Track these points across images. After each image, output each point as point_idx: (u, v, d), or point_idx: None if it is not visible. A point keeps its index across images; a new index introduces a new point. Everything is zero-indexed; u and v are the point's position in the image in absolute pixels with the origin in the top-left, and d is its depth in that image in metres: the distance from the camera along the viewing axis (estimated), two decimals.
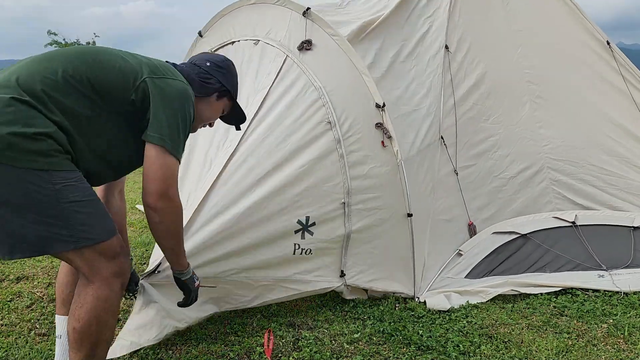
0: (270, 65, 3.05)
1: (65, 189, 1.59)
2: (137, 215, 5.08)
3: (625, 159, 4.19)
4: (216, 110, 2.15)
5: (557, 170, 4.11)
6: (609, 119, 4.27)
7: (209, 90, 2.07)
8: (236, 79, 2.20)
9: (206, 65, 2.08)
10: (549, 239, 3.67)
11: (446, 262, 3.47)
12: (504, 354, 2.50)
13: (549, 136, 4.16)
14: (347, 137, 2.94)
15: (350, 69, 3.04)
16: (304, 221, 2.76)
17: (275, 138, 2.80)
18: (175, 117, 1.79)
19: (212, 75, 2.07)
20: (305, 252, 2.80)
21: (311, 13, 3.12)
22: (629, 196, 4.10)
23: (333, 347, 2.55)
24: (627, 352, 2.54)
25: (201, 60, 2.13)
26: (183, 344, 2.54)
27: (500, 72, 4.14)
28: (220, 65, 2.12)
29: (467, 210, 3.70)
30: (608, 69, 4.35)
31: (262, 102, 2.91)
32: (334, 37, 3.08)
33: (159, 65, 1.89)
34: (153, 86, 1.78)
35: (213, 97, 2.10)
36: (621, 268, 3.42)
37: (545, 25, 4.39)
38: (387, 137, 3.00)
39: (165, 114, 1.77)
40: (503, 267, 3.47)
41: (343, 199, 2.87)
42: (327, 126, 2.90)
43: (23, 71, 1.67)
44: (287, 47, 3.09)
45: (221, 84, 2.09)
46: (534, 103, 4.19)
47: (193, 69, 2.07)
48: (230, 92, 2.15)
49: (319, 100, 2.93)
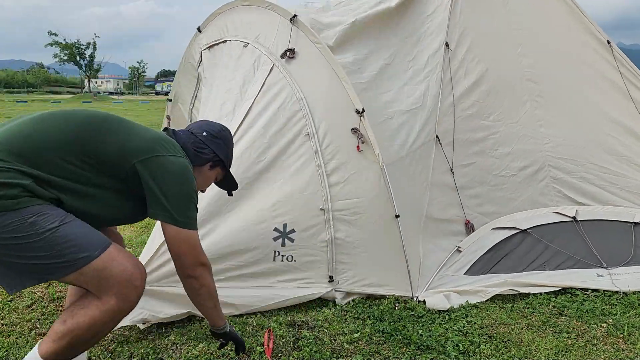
0: (257, 74, 3.15)
1: (38, 220, 1.61)
2: None
3: (625, 157, 4.19)
4: (208, 178, 2.21)
5: (557, 169, 4.12)
6: (609, 117, 4.27)
7: (202, 160, 2.11)
8: (231, 148, 2.26)
9: (202, 135, 2.12)
10: (549, 234, 3.67)
11: (445, 259, 3.47)
12: (503, 354, 2.50)
13: (550, 135, 4.16)
14: (326, 146, 3.02)
15: (331, 77, 3.11)
16: (281, 228, 2.86)
17: (256, 150, 2.94)
18: (181, 191, 1.85)
19: (207, 146, 2.11)
20: (287, 259, 2.88)
21: (297, 20, 3.18)
22: (629, 195, 4.10)
23: (333, 346, 2.55)
24: (626, 351, 2.54)
25: (199, 129, 2.16)
26: (183, 344, 2.55)
27: (501, 71, 4.15)
28: (216, 136, 2.16)
29: (464, 208, 3.70)
30: (608, 68, 4.35)
31: (247, 113, 3.02)
32: (317, 44, 3.14)
33: (160, 139, 1.91)
34: (154, 165, 1.81)
35: (206, 166, 2.15)
36: (621, 265, 3.43)
37: (546, 24, 4.40)
38: (361, 142, 3.01)
39: (171, 190, 1.82)
40: (502, 264, 3.47)
41: (322, 205, 2.95)
42: (306, 138, 3.00)
43: (23, 135, 1.69)
44: (274, 54, 3.18)
45: (215, 154, 2.14)
46: (534, 102, 4.19)
47: (189, 137, 2.10)
48: (223, 162, 2.20)
49: (300, 112, 3.03)
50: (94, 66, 66.55)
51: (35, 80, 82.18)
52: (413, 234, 3.25)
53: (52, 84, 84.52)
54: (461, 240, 3.65)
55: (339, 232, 2.96)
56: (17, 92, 66.10)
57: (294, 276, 2.90)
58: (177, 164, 1.87)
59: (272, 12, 3.32)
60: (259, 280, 2.83)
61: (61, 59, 63.78)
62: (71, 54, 63.40)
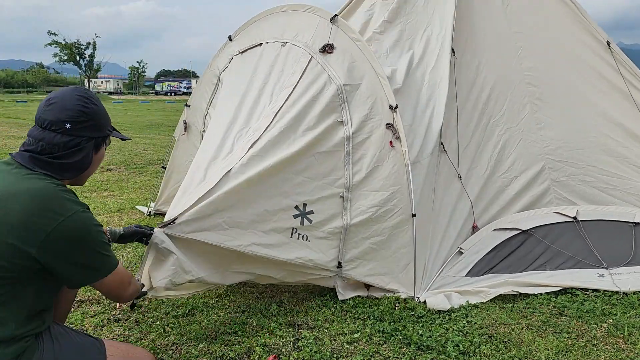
0: (295, 65, 3.23)
1: None
2: (137, 215, 5.09)
3: (625, 159, 4.18)
4: (101, 157, 1.83)
5: (557, 171, 4.11)
6: (609, 119, 4.27)
7: (86, 156, 1.72)
8: (102, 112, 1.78)
9: (66, 128, 1.64)
10: (550, 234, 3.67)
11: (447, 261, 3.47)
12: (503, 354, 2.50)
13: (549, 137, 4.16)
14: (357, 135, 3.08)
15: (369, 72, 3.18)
16: (302, 208, 2.89)
17: (294, 131, 2.94)
18: (87, 252, 1.61)
19: (79, 136, 1.67)
20: (303, 238, 2.91)
21: (338, 19, 3.29)
22: (629, 197, 4.09)
23: (333, 347, 2.55)
24: (626, 351, 2.54)
25: (57, 123, 1.64)
26: (183, 344, 2.55)
27: (501, 74, 4.15)
28: (82, 119, 1.68)
29: (473, 213, 3.72)
30: (608, 70, 4.35)
31: (287, 98, 3.05)
32: (357, 42, 3.23)
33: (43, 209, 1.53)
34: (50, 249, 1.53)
35: (93, 155, 1.77)
36: (622, 266, 3.42)
37: (545, 26, 4.39)
38: (395, 137, 3.08)
39: (78, 258, 1.59)
40: (503, 264, 3.47)
41: (342, 193, 3.00)
42: (340, 124, 3.05)
43: None
44: (312, 49, 3.26)
45: (92, 137, 1.72)
46: (534, 105, 4.19)
47: (51, 147, 1.63)
48: (104, 136, 1.80)
49: (337, 99, 3.08)
50: (93, 66, 66.53)
51: (35, 80, 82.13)
52: (424, 235, 3.29)
53: (51, 83, 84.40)
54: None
55: (354, 221, 3.01)
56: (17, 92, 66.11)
57: (306, 254, 2.91)
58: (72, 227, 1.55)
59: (311, 14, 3.42)
60: (277, 250, 2.83)
61: (61, 59, 63.74)
62: (71, 54, 63.37)
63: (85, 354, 1.68)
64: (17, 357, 1.50)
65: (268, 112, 3.05)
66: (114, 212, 5.18)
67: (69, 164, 1.66)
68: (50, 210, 1.51)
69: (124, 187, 6.44)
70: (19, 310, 1.52)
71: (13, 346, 1.49)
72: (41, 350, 1.58)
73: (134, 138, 12.12)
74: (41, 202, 1.51)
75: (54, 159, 1.63)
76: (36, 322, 1.59)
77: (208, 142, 3.12)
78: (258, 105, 3.20)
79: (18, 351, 1.50)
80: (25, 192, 1.51)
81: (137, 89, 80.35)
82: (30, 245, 1.47)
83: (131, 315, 2.91)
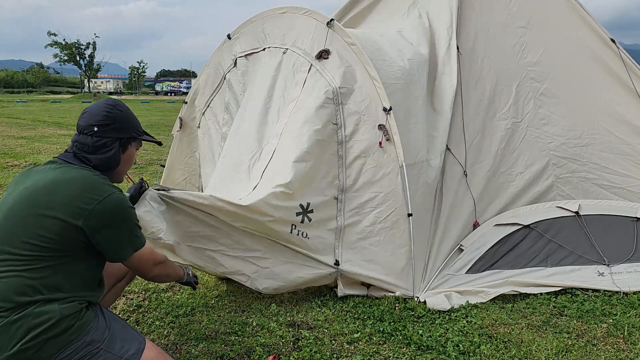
0: (297, 76, 3.34)
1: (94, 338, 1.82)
2: None
3: (629, 156, 4.17)
4: (130, 157, 2.13)
5: (561, 168, 4.11)
6: (613, 116, 4.25)
7: (114, 155, 2.01)
8: (130, 116, 2.08)
9: (94, 131, 1.96)
10: (552, 229, 3.65)
11: (447, 258, 3.46)
12: (503, 354, 2.50)
13: (553, 133, 4.15)
14: (350, 138, 3.15)
15: (363, 76, 3.21)
16: (305, 206, 2.99)
17: (294, 138, 3.11)
18: (125, 225, 1.92)
19: (106, 137, 1.98)
20: (302, 235, 2.99)
21: (334, 24, 3.33)
22: (631, 195, 4.08)
23: (333, 347, 2.55)
24: (626, 352, 2.54)
25: (87, 128, 1.97)
26: (183, 344, 2.55)
27: (505, 69, 4.15)
28: (108, 122, 1.98)
29: (476, 210, 3.71)
30: (612, 66, 4.33)
31: (291, 113, 3.23)
32: (352, 46, 3.26)
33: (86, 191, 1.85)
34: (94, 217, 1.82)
35: (121, 155, 2.05)
36: (623, 262, 3.41)
37: (549, 22, 4.39)
38: (386, 139, 3.08)
39: (114, 231, 1.87)
40: (504, 260, 3.45)
41: (337, 194, 3.12)
42: (334, 128, 3.13)
43: None
44: (310, 55, 3.33)
45: (118, 138, 2.01)
46: (538, 100, 4.19)
47: (86, 148, 1.96)
48: (133, 137, 2.08)
49: (331, 102, 3.15)
50: (93, 66, 66.58)
51: (35, 80, 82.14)
52: (422, 235, 3.28)
53: (51, 83, 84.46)
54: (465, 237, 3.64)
55: (348, 222, 3.11)
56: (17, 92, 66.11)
57: (306, 248, 3.01)
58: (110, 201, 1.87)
59: (309, 18, 3.44)
60: (276, 250, 2.95)
61: (61, 59, 63.79)
62: (71, 54, 63.40)
63: (127, 341, 1.87)
64: (74, 314, 1.75)
65: (276, 131, 3.23)
66: None
67: (100, 160, 1.98)
68: (92, 192, 1.83)
69: (124, 187, 6.43)
70: (71, 279, 1.80)
71: (70, 304, 1.76)
72: (97, 320, 1.84)
73: None
74: (85, 185, 1.85)
75: (88, 155, 1.97)
76: (87, 292, 1.86)
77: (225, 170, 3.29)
78: (267, 124, 3.36)
79: (75, 308, 1.76)
80: (72, 179, 1.85)
81: (137, 89, 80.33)
82: (77, 218, 1.77)
83: (131, 315, 2.91)
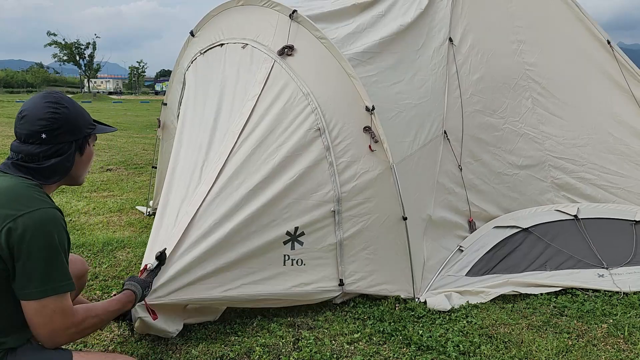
0: (257, 73, 3.00)
1: None
2: (137, 215, 5.08)
3: (626, 156, 4.18)
4: (88, 157, 1.85)
5: (558, 168, 4.11)
6: (610, 116, 4.27)
7: (69, 160, 1.74)
8: (78, 113, 1.79)
9: (42, 138, 1.67)
10: (551, 233, 3.65)
11: (447, 260, 3.46)
12: (504, 354, 2.50)
13: (550, 133, 4.16)
14: (337, 143, 2.90)
15: (339, 73, 2.96)
16: (293, 232, 2.75)
17: (265, 150, 2.78)
18: (37, 252, 1.54)
19: (58, 143, 1.70)
20: (297, 263, 2.78)
21: (298, 15, 3.03)
22: (629, 195, 4.09)
23: (333, 347, 2.55)
24: (627, 352, 2.54)
25: (33, 135, 1.67)
26: (183, 344, 2.54)
27: (503, 68, 4.15)
28: (56, 126, 1.69)
29: (470, 206, 3.70)
30: (609, 67, 4.36)
31: (251, 112, 2.86)
32: (321, 40, 2.99)
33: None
34: None
35: (80, 157, 1.80)
36: (622, 265, 3.41)
37: (547, 22, 4.40)
38: (374, 141, 2.92)
39: (27, 257, 1.52)
40: (504, 264, 3.45)
41: (333, 207, 2.85)
42: (317, 133, 2.87)
43: None
44: (274, 51, 3.03)
45: (72, 140, 1.74)
46: (535, 100, 4.19)
47: (31, 157, 1.68)
48: (85, 136, 1.81)
49: (308, 107, 2.89)
50: (93, 66, 66.61)
51: (35, 80, 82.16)
52: (418, 235, 3.24)
53: (51, 83, 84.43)
54: (464, 238, 3.64)
55: (347, 234, 2.89)
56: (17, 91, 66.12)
57: (304, 280, 2.80)
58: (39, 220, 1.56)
59: (269, 10, 3.16)
60: (270, 283, 2.71)
61: (61, 59, 63.82)
62: (70, 54, 63.44)
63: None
64: None
65: (233, 129, 2.83)
66: (114, 212, 5.17)
67: (52, 169, 1.70)
68: (17, 203, 1.56)
69: (124, 187, 6.43)
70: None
71: None
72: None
73: (134, 138, 12.12)
74: (11, 195, 1.58)
75: (37, 166, 1.68)
76: (5, 337, 1.58)
77: (176, 171, 2.94)
78: (219, 123, 2.98)
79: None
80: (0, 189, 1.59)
81: (137, 89, 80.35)
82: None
83: None
